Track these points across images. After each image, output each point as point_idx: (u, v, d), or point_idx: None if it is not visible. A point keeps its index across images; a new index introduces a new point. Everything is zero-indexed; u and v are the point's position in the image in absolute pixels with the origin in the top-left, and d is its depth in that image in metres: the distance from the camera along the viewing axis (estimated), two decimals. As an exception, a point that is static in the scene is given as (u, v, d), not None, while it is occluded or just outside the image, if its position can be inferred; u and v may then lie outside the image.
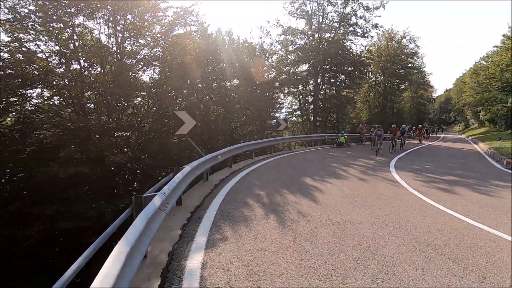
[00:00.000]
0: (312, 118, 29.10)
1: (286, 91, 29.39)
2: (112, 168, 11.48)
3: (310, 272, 3.07)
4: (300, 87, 29.33)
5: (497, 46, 34.00)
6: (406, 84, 40.83)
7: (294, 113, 31.60)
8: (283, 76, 27.57)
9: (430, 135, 33.51)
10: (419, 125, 28.03)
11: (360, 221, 4.63)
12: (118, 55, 13.23)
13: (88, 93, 12.66)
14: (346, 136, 19.48)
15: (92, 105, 12.98)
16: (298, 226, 4.42)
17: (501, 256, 3.49)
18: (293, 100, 30.96)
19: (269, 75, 26.48)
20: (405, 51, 37.69)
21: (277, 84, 27.31)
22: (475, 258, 3.42)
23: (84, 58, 12.04)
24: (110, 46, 13.08)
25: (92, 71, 12.76)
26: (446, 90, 76.23)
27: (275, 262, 3.30)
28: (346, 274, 3.03)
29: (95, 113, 12.74)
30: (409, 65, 38.60)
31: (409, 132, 23.72)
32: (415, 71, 40.10)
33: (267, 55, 27.63)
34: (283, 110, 30.16)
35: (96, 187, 11.14)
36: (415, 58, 39.07)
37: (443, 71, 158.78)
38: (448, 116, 73.26)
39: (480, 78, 35.96)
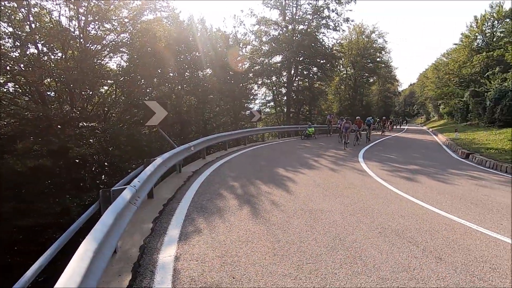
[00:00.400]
0: (285, 110, 29.46)
1: (260, 82, 29.42)
2: (77, 161, 10.86)
3: (283, 260, 3.16)
4: (274, 78, 29.46)
5: (456, 44, 36.44)
6: (375, 77, 42.69)
7: (268, 104, 31.80)
8: (257, 67, 27.50)
9: (395, 126, 35.37)
10: (383, 117, 29.11)
11: (330, 210, 4.82)
12: (81, 40, 12.36)
13: (48, 80, 11.72)
14: (313, 128, 19.48)
15: (53, 93, 12.07)
16: (272, 216, 4.51)
17: (454, 238, 3.82)
18: (267, 92, 31.13)
19: (243, 66, 26.27)
20: (374, 45, 39.15)
21: (251, 75, 27.21)
22: (432, 241, 3.71)
23: (42, 42, 11.09)
24: (72, 29, 12.17)
25: (52, 56, 11.82)
26: (411, 84, 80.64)
27: (249, 252, 3.35)
28: (317, 260, 3.16)
29: (56, 102, 11.87)
30: (378, 59, 40.25)
31: (374, 124, 24.74)
32: (383, 65, 41.93)
33: (240, 45, 27.31)
34: (257, 101, 30.22)
35: (60, 181, 10.50)
36: (383, 52, 40.83)
37: (409, 66, 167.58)
38: (412, 109, 77.77)
39: (441, 74, 38.45)
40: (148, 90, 16.02)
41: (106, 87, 14.41)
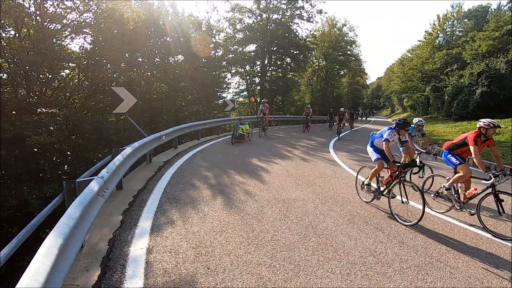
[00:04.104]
0: (259, 99, 29.43)
1: (233, 71, 29.02)
2: (36, 150, 10.06)
3: (257, 249, 3.21)
4: (248, 67, 29.21)
5: (420, 41, 38.46)
6: (345, 70, 43.84)
7: (241, 94, 31.56)
8: (230, 55, 27.04)
9: (359, 118, 36.56)
10: (341, 108, 18.48)
11: (303, 199, 4.95)
12: (38, 18, 11.25)
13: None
14: (248, 125, 12.59)
15: (5, 75, 10.96)
16: (246, 206, 4.54)
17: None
18: (240, 81, 30.81)
19: (216, 53, 25.68)
20: (345, 38, 40.09)
21: (224, 63, 26.71)
22: (396, 226, 3.97)
23: (-10, 17, 9.95)
24: (27, 5, 11.02)
25: (4, 35, 10.67)
26: (378, 78, 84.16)
27: (223, 242, 3.35)
28: (290, 248, 3.25)
29: (9, 86, 10.81)
30: (348, 52, 41.30)
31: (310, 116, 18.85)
32: (353, 58, 43.13)
33: (214, 32, 26.60)
34: (230, 90, 29.83)
35: (16, 171, 9.67)
36: (354, 46, 41.96)
37: (377, 60, 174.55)
38: (379, 102, 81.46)
39: (405, 69, 40.52)
40: (115, 76, 15.10)
41: (67, 71, 13.36)
